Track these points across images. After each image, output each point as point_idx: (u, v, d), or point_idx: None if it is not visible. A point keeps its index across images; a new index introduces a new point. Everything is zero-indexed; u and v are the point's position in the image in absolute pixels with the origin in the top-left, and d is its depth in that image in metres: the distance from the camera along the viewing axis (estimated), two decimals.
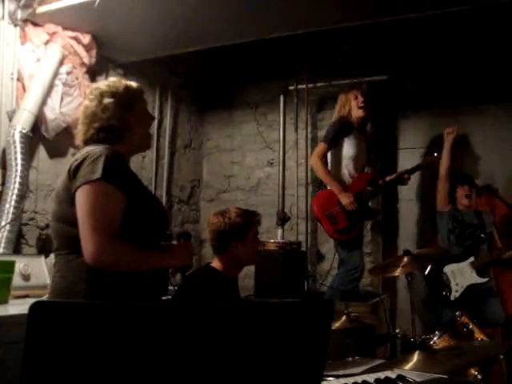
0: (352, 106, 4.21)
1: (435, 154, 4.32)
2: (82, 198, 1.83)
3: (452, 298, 4.01)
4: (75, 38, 3.83)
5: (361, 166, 4.31)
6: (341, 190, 4.09)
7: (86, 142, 2.03)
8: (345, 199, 4.05)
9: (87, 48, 3.92)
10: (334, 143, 4.17)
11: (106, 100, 2.04)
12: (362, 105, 4.18)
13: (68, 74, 3.80)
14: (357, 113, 4.20)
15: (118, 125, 2.02)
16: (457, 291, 4.02)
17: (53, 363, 0.82)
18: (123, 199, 1.87)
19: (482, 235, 4.10)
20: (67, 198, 1.89)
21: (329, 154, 4.23)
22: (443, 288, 4.07)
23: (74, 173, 1.88)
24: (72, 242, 1.86)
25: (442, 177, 4.28)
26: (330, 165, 4.25)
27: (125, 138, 2.04)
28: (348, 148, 4.19)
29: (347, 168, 4.20)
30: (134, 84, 2.14)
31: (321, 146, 4.21)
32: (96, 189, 1.82)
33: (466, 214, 4.22)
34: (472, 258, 4.04)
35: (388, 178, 4.30)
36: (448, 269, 4.09)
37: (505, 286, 4.31)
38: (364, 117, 4.24)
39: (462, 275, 4.04)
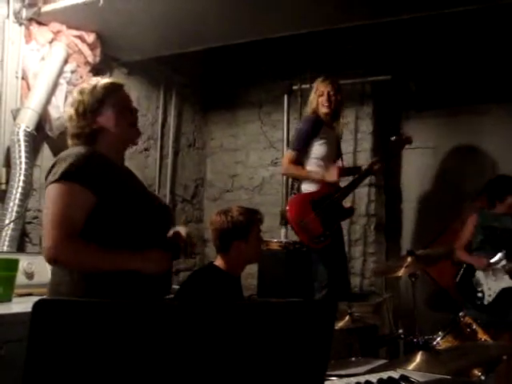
0: (318, 102, 4.00)
1: (394, 138, 4.08)
2: (46, 198, 1.88)
3: (485, 303, 3.91)
4: (80, 37, 3.84)
5: (332, 163, 4.04)
6: (321, 173, 3.86)
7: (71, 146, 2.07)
8: (330, 176, 3.83)
9: (91, 47, 3.92)
10: (303, 147, 3.95)
11: (70, 110, 2.06)
12: (327, 104, 3.96)
13: (72, 72, 3.81)
14: (322, 109, 3.98)
15: (86, 131, 2.02)
16: (490, 295, 3.93)
17: (55, 360, 0.82)
18: (89, 198, 1.84)
19: None
20: None
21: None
22: (476, 292, 3.98)
23: (45, 177, 1.93)
24: None
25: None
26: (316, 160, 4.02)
27: (99, 140, 2.03)
28: (317, 148, 3.96)
29: (318, 168, 3.95)
30: (103, 82, 2.10)
31: (288, 155, 4.01)
32: (57, 189, 1.84)
33: (499, 218, 4.11)
34: (504, 262, 3.92)
35: (363, 168, 4.08)
36: (480, 273, 4.00)
37: None
38: (330, 113, 4.00)
39: (494, 279, 3.95)
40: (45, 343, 0.82)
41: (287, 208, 3.96)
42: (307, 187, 3.96)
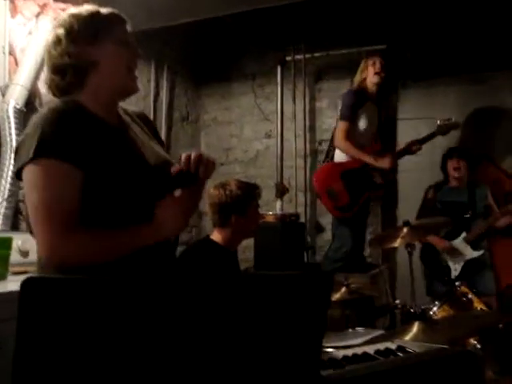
0: (369, 71, 4.16)
1: (449, 120, 4.14)
2: (25, 185, 1.49)
3: (452, 277, 4.00)
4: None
5: (372, 137, 4.23)
6: (375, 157, 4.01)
7: (52, 90, 1.65)
8: (384, 162, 3.99)
9: None
10: (353, 116, 4.07)
11: (58, 30, 1.60)
12: (378, 71, 4.12)
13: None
14: (371, 79, 4.15)
15: (74, 62, 1.58)
16: (455, 269, 4.03)
17: (45, 338, 0.80)
18: (75, 174, 1.46)
19: (469, 214, 4.06)
20: None
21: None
22: (442, 269, 4.07)
23: (14, 159, 1.56)
24: None
25: None
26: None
27: (87, 82, 1.60)
28: (361, 120, 4.11)
29: (361, 140, 4.12)
30: (105, 10, 1.68)
31: (342, 125, 4.09)
32: (33, 172, 1.46)
33: (454, 192, 4.17)
34: (464, 234, 4.03)
35: (397, 150, 4.25)
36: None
37: (499, 256, 4.28)
38: (379, 83, 4.17)
39: (457, 252, 4.03)
40: (34, 320, 0.81)
41: (315, 173, 4.25)
42: (340, 157, 4.12)
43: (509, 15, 4.30)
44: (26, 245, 3.04)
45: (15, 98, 3.43)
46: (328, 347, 2.06)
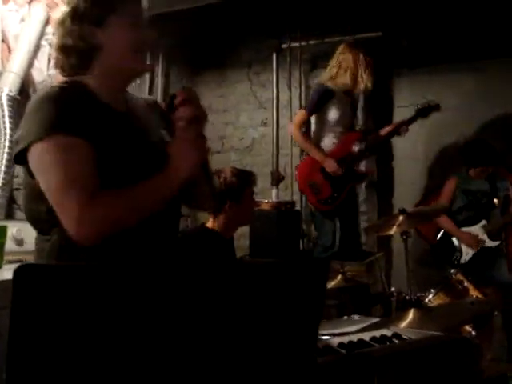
0: (360, 68, 4.06)
1: (429, 103, 4.11)
2: (37, 164, 1.43)
3: (462, 262, 4.01)
4: None
5: (347, 127, 4.18)
6: (323, 156, 3.98)
7: (58, 68, 1.60)
8: (329, 166, 3.94)
9: None
10: (315, 110, 4.09)
11: (64, 9, 1.54)
12: (351, 76, 4.04)
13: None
14: (365, 80, 4.08)
15: (77, 43, 1.52)
16: (467, 254, 4.02)
17: (38, 326, 0.80)
18: (88, 147, 1.40)
19: (495, 200, 4.03)
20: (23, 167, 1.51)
21: (313, 119, 4.17)
22: (454, 251, 4.06)
23: (16, 141, 1.48)
24: (35, 220, 1.54)
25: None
26: (313, 127, 4.23)
27: (93, 65, 1.54)
28: (332, 112, 4.07)
29: (332, 131, 4.10)
30: None
31: (300, 114, 4.16)
32: (47, 149, 1.39)
33: (475, 182, 4.13)
34: (484, 222, 4.02)
35: (383, 132, 4.19)
36: None
37: None
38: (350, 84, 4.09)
39: (477, 245, 4.01)
40: (27, 308, 0.80)
41: (297, 169, 4.24)
42: (322, 146, 4.09)
43: (505, 3, 4.28)
44: (20, 233, 3.04)
45: (9, 85, 3.42)
46: (324, 334, 2.07)
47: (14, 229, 3.01)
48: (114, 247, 1.43)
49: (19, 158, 1.46)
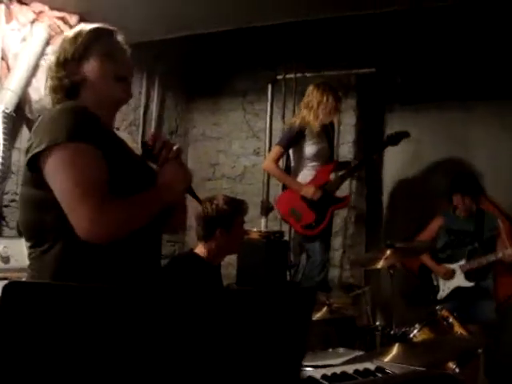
0: (325, 111, 4.13)
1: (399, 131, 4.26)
2: (52, 168, 1.53)
3: (438, 298, 4.07)
4: (62, 19, 3.78)
5: (325, 160, 4.27)
6: (301, 185, 4.10)
7: (53, 104, 1.75)
8: (307, 191, 4.05)
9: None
10: (291, 146, 4.18)
11: (51, 58, 1.76)
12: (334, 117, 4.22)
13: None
14: (326, 119, 4.16)
15: (66, 83, 1.70)
16: (443, 291, 4.09)
17: (26, 344, 0.80)
18: (100, 155, 1.56)
19: (476, 244, 4.08)
20: (27, 178, 1.63)
21: (291, 152, 4.25)
22: (432, 287, 4.14)
23: (28, 148, 1.58)
24: (36, 231, 1.61)
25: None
26: (292, 162, 4.28)
27: (81, 95, 1.71)
28: (308, 148, 4.16)
29: (311, 165, 4.20)
30: (89, 27, 1.77)
31: (276, 149, 4.24)
32: (64, 154, 1.52)
33: (461, 221, 4.19)
34: (463, 261, 4.06)
35: (353, 163, 4.41)
36: None
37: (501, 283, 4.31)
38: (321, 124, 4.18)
39: (449, 277, 4.08)
40: (14, 327, 0.80)
41: (276, 203, 4.37)
42: (300, 180, 4.19)
43: (496, 46, 4.37)
44: (7, 250, 3.01)
45: (5, 102, 3.43)
46: (308, 366, 2.06)
47: (0, 246, 2.99)
48: (105, 262, 1.57)
49: (32, 164, 1.57)
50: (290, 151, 4.25)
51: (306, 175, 4.19)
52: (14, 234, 3.50)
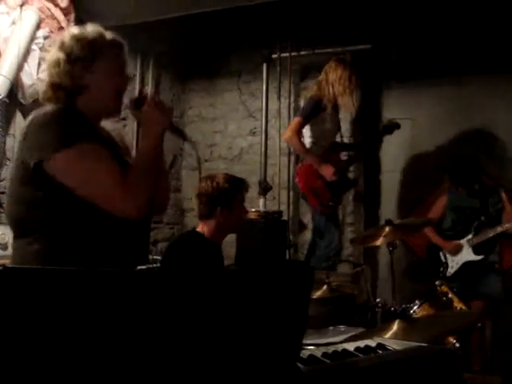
0: (330, 89, 4.19)
1: (391, 121, 4.39)
2: (66, 167, 1.63)
3: (447, 274, 4.09)
4: (52, 1, 3.73)
5: (334, 138, 4.39)
6: (320, 162, 4.15)
7: (45, 100, 1.81)
8: (325, 171, 4.11)
9: (65, 12, 3.81)
10: (311, 117, 4.20)
11: (59, 53, 1.76)
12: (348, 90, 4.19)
13: (45, 38, 3.70)
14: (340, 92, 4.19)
15: (69, 84, 1.74)
16: (452, 267, 4.11)
17: (20, 329, 0.79)
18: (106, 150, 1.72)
19: (482, 218, 4.09)
20: (20, 176, 1.70)
21: (308, 127, 4.23)
22: (441, 264, 4.16)
23: (25, 146, 1.67)
24: (22, 225, 1.70)
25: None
26: (310, 138, 4.26)
27: (78, 100, 1.77)
28: (323, 122, 4.23)
29: (324, 140, 4.27)
30: (104, 35, 1.81)
31: (296, 120, 4.25)
32: (75, 154, 1.62)
33: (466, 199, 4.19)
34: (470, 236, 4.09)
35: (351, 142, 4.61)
36: None
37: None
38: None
39: (459, 253, 4.10)
40: (9, 312, 0.79)
41: (296, 176, 4.41)
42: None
43: (491, 21, 4.33)
44: (5, 237, 3.01)
45: None
46: (308, 344, 2.07)
47: None
48: (93, 250, 1.69)
49: (36, 166, 1.63)
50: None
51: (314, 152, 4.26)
52: None
